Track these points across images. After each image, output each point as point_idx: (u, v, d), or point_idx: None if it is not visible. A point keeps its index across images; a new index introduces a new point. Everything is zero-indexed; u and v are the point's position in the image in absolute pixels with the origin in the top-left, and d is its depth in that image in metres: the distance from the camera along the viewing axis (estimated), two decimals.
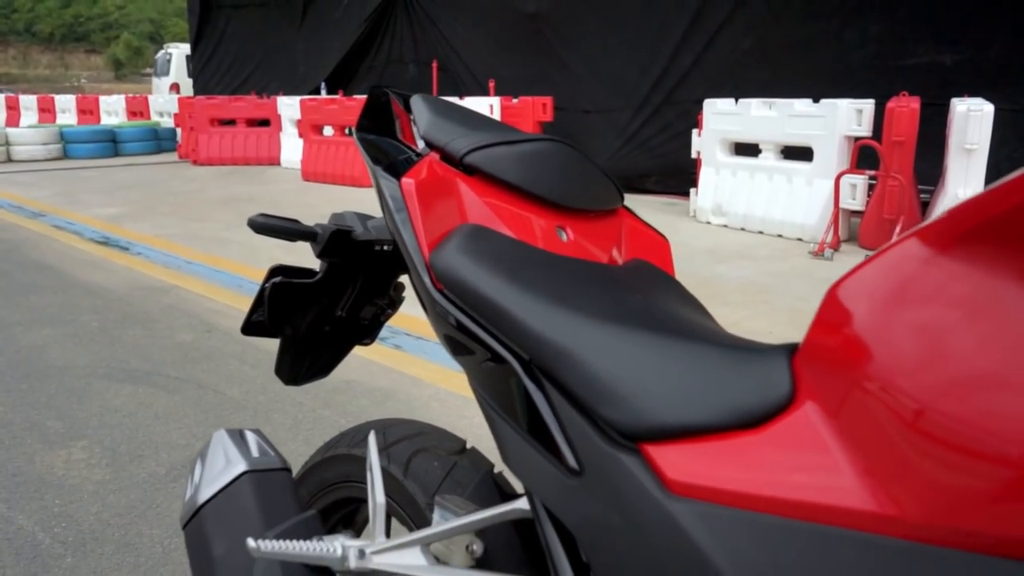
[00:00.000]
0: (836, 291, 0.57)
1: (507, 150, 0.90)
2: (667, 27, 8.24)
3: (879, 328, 0.52)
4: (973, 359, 0.46)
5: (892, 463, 0.49)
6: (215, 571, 0.94)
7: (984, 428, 0.43)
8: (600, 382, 0.66)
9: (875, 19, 7.29)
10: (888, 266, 0.54)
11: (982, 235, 0.47)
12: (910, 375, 0.48)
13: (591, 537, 0.66)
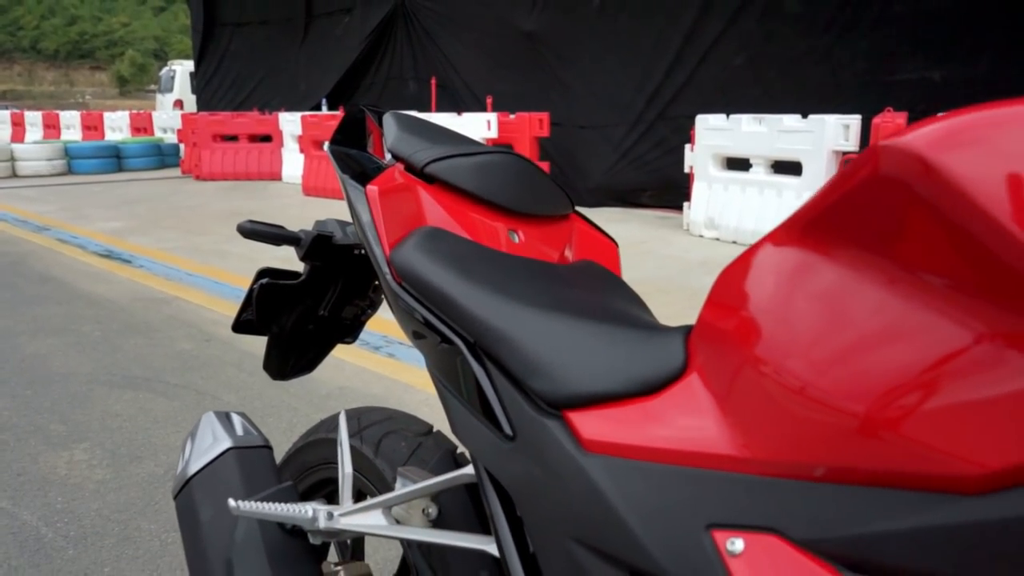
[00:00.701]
0: (720, 280, 0.68)
1: (464, 161, 1.01)
2: (661, 45, 8.39)
3: (746, 308, 0.63)
4: (815, 330, 0.56)
5: (753, 416, 0.59)
6: (202, 534, 1.04)
7: (820, 386, 0.54)
8: (531, 360, 0.77)
9: (865, 36, 7.43)
10: (757, 256, 0.65)
11: (819, 226, 0.58)
12: (768, 345, 0.59)
13: (522, 493, 0.77)
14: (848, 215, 0.54)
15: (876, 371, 0.50)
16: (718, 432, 0.62)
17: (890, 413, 0.48)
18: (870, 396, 0.50)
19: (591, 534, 0.68)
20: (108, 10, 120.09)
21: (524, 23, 9.54)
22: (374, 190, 0.93)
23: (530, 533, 0.76)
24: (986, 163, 0.45)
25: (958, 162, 0.46)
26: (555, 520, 0.72)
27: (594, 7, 8.87)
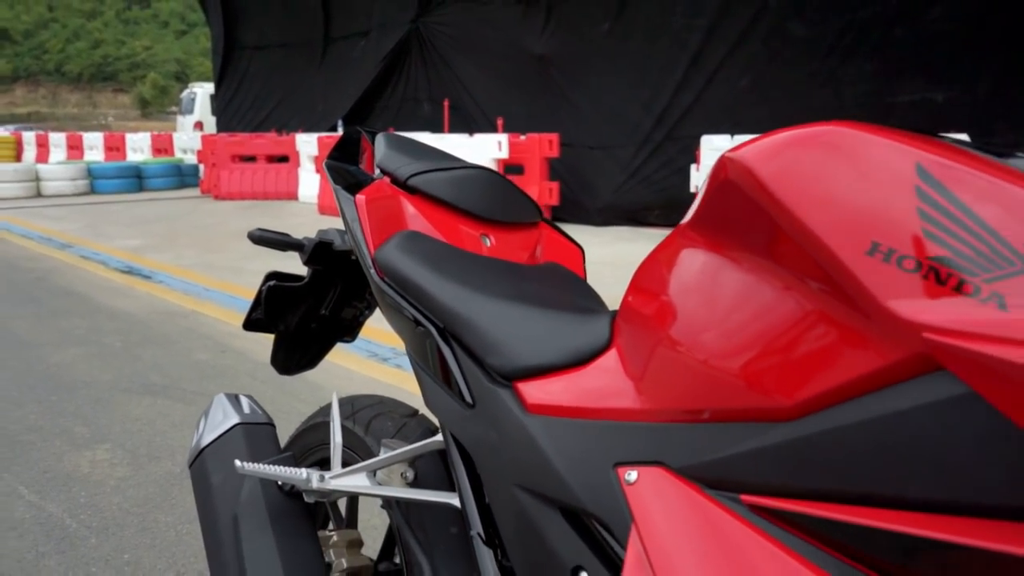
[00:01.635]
0: (636, 272, 0.83)
1: (442, 175, 1.16)
2: (668, 67, 8.57)
3: (652, 294, 0.78)
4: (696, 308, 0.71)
5: (651, 377, 0.74)
6: (213, 496, 1.19)
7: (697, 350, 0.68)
8: (489, 341, 0.92)
9: (868, 58, 7.58)
10: (660, 251, 0.80)
11: (696, 224, 0.72)
12: (664, 321, 0.74)
13: (479, 451, 0.91)
14: (712, 214, 0.69)
15: (733, 336, 0.65)
16: (626, 391, 0.76)
17: (738, 366, 0.63)
18: (728, 356, 0.64)
19: (531, 480, 0.82)
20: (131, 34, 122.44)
21: (535, 46, 9.76)
22: (362, 199, 1.09)
23: (485, 485, 0.91)
24: (792, 171, 0.59)
25: (772, 170, 0.60)
26: (504, 471, 0.86)
27: (603, 31, 9.08)
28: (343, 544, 1.22)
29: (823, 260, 0.56)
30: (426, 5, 11.54)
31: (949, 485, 0.49)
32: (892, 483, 0.52)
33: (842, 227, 0.55)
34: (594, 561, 0.74)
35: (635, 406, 0.75)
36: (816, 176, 0.58)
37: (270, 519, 1.13)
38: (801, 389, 0.57)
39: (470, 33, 10.80)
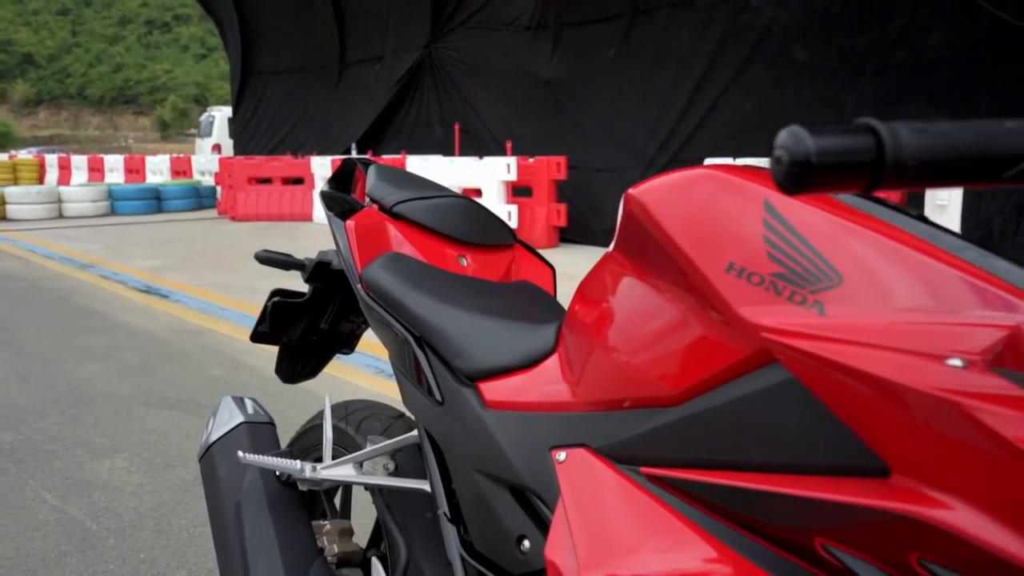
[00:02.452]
0: (577, 289, 0.98)
1: (424, 203, 1.32)
2: (673, 92, 8.74)
3: (587, 307, 0.92)
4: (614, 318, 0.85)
5: (582, 375, 0.88)
6: (219, 486, 1.34)
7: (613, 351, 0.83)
8: (456, 347, 1.06)
9: (869, 83, 7.71)
10: (593, 271, 0.94)
11: (617, 247, 0.87)
12: (593, 329, 0.88)
13: (447, 441, 1.06)
14: (623, 240, 0.83)
15: (636, 340, 0.79)
16: (563, 387, 0.91)
17: (639, 364, 0.77)
18: (632, 356, 0.79)
19: (487, 464, 0.97)
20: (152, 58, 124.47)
21: (543, 71, 9.98)
22: (351, 224, 1.25)
23: (451, 471, 1.05)
24: (673, 206, 0.74)
25: (658, 205, 0.75)
26: (466, 458, 1.01)
27: (609, 56, 9.28)
28: (335, 533, 1.36)
29: (695, 277, 0.70)
30: (438, 31, 11.81)
31: (782, 451, 0.63)
32: (744, 452, 0.66)
33: (707, 250, 0.70)
34: (533, 529, 0.88)
35: (568, 399, 0.89)
36: (690, 210, 0.73)
37: (269, 506, 1.28)
38: (682, 380, 0.72)
39: (480, 58, 11.04)
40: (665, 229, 0.73)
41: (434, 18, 11.77)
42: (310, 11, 14.28)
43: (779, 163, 0.45)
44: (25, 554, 2.32)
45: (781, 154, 0.45)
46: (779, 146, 0.45)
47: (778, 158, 0.45)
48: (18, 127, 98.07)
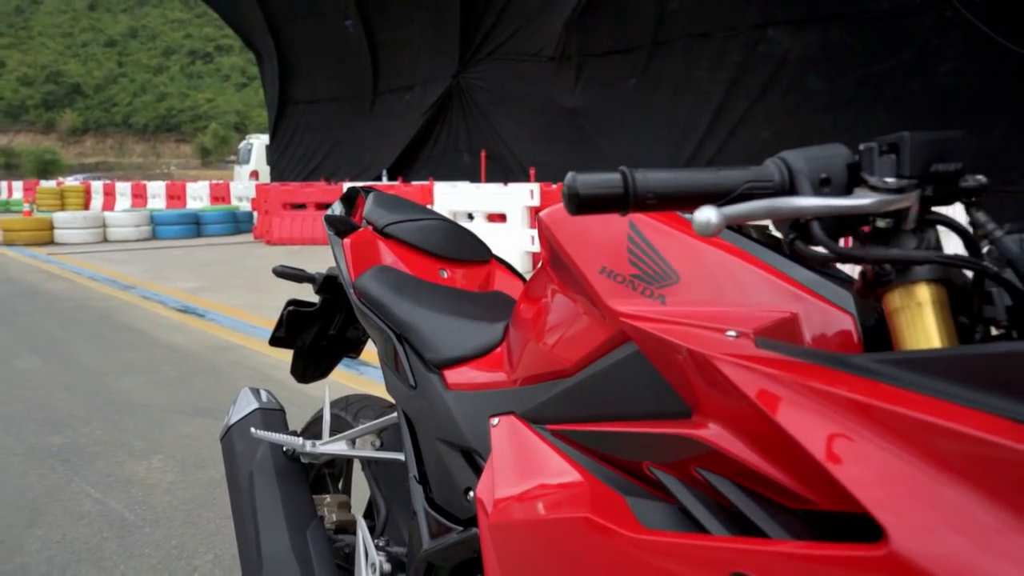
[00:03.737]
0: (520, 294, 1.21)
1: (411, 224, 1.57)
2: (693, 120, 8.98)
3: (523, 306, 1.16)
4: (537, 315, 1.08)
5: (517, 358, 1.11)
6: (236, 460, 1.59)
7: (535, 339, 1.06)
8: (427, 342, 1.30)
9: (884, 110, 7.88)
10: (529, 281, 1.18)
11: (544, 259, 1.10)
12: (527, 324, 1.11)
13: (417, 418, 1.29)
14: (544, 252, 1.07)
15: (547, 329, 1.02)
16: (504, 370, 1.14)
17: (549, 347, 1.00)
18: (545, 341, 1.02)
19: (445, 434, 1.20)
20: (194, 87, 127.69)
21: (567, 100, 10.29)
22: (347, 242, 1.50)
23: (420, 442, 1.29)
24: (564, 225, 0.97)
25: (555, 225, 0.98)
26: (431, 430, 1.24)
27: (630, 85, 9.56)
28: (335, 505, 1.60)
29: (579, 277, 0.94)
30: (466, 61, 12.22)
31: (630, 404, 0.86)
32: (608, 406, 0.89)
33: (588, 257, 0.93)
34: (475, 480, 1.11)
35: (505, 379, 1.12)
36: (577, 229, 0.96)
37: (276, 476, 1.52)
38: (574, 357, 0.95)
39: (506, 87, 11.40)
40: (560, 242, 0.97)
41: (462, 49, 12.18)
42: (345, 43, 14.82)
43: (564, 194, 0.69)
44: (71, 539, 2.59)
45: (564, 189, 0.69)
46: (564, 183, 0.69)
47: (563, 191, 0.69)
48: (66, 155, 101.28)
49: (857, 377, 0.61)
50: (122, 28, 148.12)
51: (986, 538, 0.48)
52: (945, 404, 0.53)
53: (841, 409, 0.59)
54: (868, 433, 0.56)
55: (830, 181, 0.69)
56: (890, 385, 0.58)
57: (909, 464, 0.53)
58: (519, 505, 0.91)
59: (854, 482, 0.55)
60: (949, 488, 0.51)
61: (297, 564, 1.42)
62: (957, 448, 0.51)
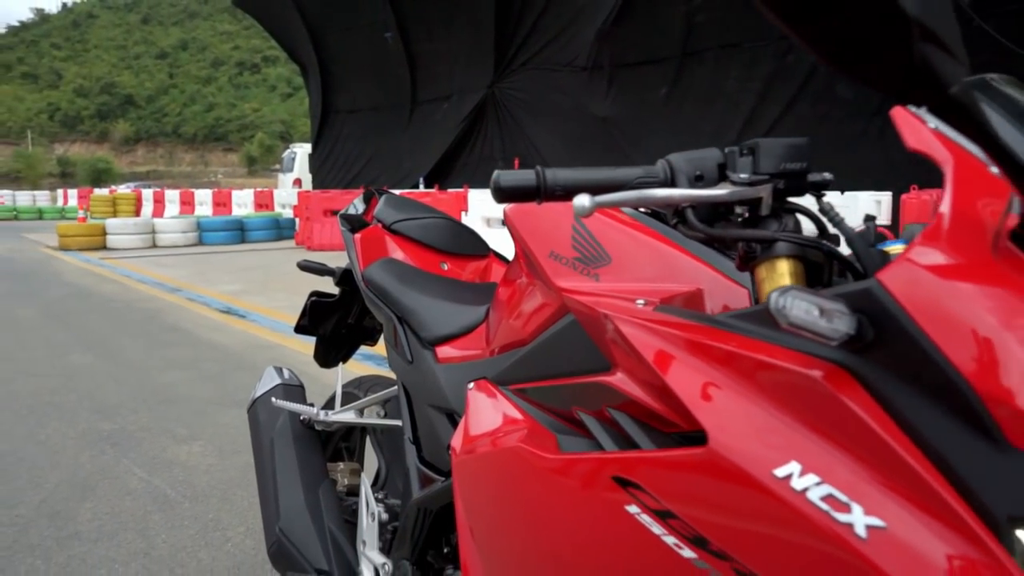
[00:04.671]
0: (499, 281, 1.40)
1: (415, 222, 1.77)
2: (723, 129, 9.07)
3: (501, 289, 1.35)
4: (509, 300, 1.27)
5: (494, 333, 1.31)
6: (260, 428, 1.81)
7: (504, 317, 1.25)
8: (423, 323, 1.50)
9: None
10: (506, 269, 1.37)
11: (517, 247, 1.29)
12: (502, 305, 1.30)
13: (413, 389, 1.49)
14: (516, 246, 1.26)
15: (511, 306, 1.21)
16: (482, 345, 1.34)
17: (512, 320, 1.19)
18: (511, 317, 1.21)
19: (434, 400, 1.39)
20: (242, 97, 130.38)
21: (599, 109, 10.46)
22: (358, 237, 1.71)
23: (414, 408, 1.48)
24: (523, 219, 1.16)
25: (515, 219, 1.17)
26: (423, 397, 1.44)
27: (661, 95, 9.70)
28: (347, 471, 1.81)
29: (534, 262, 1.13)
30: (501, 72, 12.46)
31: (568, 364, 1.04)
32: (551, 367, 1.07)
33: (540, 244, 1.12)
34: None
35: (482, 351, 1.32)
36: (532, 220, 1.15)
37: (293, 441, 1.74)
38: (530, 327, 1.14)
39: (540, 97, 11.62)
40: (519, 232, 1.16)
41: (497, 60, 12.44)
42: (384, 55, 15.19)
43: (491, 187, 0.88)
44: (119, 511, 2.84)
45: (491, 183, 0.88)
46: (492, 178, 0.88)
47: (491, 185, 0.88)
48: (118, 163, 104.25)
49: (716, 329, 0.79)
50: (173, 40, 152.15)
51: (773, 434, 0.66)
52: (755, 341, 0.72)
53: (697, 352, 0.78)
54: (708, 367, 0.75)
55: (703, 177, 0.87)
56: (734, 333, 0.76)
57: (729, 385, 0.71)
58: (476, 445, 1.10)
59: (693, 403, 0.73)
60: (753, 400, 0.69)
61: (309, 514, 1.63)
62: (758, 371, 0.70)
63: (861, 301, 0.63)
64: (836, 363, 0.65)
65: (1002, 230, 0.64)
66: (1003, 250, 0.64)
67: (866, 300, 0.63)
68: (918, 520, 0.57)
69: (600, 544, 0.81)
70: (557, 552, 0.89)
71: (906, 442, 0.60)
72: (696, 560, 0.69)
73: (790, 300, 0.62)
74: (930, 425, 0.59)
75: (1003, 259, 0.63)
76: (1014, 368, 0.56)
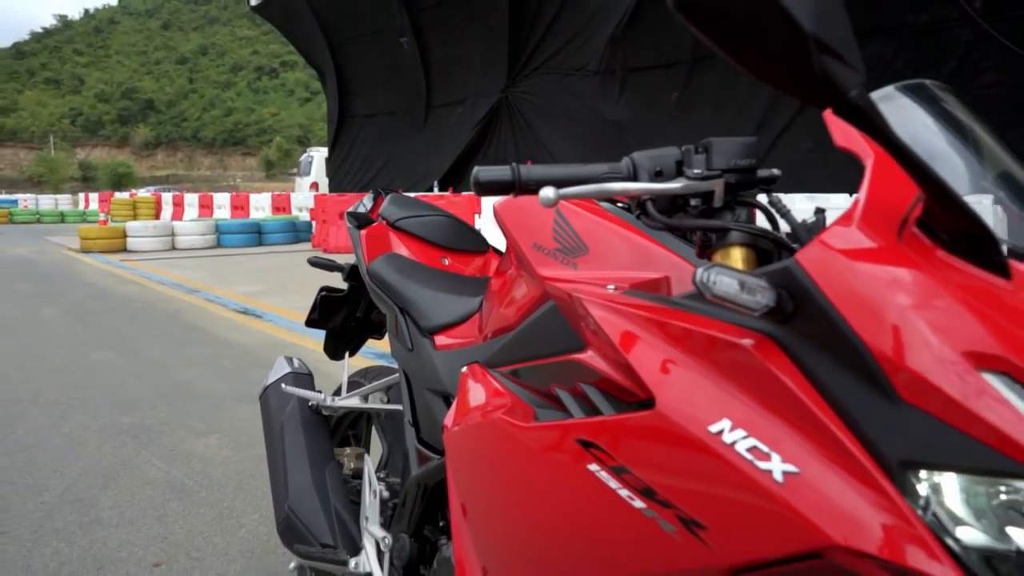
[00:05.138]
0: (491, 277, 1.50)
1: (418, 219, 1.87)
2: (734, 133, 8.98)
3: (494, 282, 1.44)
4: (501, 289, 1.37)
5: (487, 321, 1.40)
6: (271, 414, 1.91)
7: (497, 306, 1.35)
8: (423, 313, 1.60)
9: None
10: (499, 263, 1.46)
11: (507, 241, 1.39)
12: (493, 295, 1.40)
13: (413, 375, 1.59)
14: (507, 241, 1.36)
15: (501, 296, 1.31)
16: (475, 333, 1.43)
17: (502, 308, 1.29)
18: (500, 306, 1.30)
19: (432, 384, 1.49)
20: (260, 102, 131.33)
21: (611, 113, 10.54)
22: (363, 233, 1.81)
23: (414, 393, 1.58)
24: (509, 212, 1.26)
25: (503, 212, 1.27)
26: (422, 382, 1.54)
27: (673, 100, 9.77)
28: (353, 456, 1.91)
29: (519, 253, 1.22)
30: (514, 76, 12.58)
31: (548, 345, 1.14)
32: (534, 348, 1.17)
33: (524, 236, 1.21)
34: None
35: (474, 338, 1.42)
36: (517, 213, 1.25)
37: (302, 425, 1.84)
38: (517, 313, 1.23)
39: (552, 101, 11.72)
40: (506, 225, 1.26)
41: (511, 64, 12.56)
42: (400, 60, 15.36)
43: (471, 181, 0.98)
44: (138, 499, 2.96)
45: (471, 177, 0.98)
46: (472, 174, 0.98)
47: (471, 180, 0.98)
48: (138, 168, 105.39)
49: (671, 309, 0.88)
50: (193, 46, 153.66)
51: (710, 397, 0.76)
52: (700, 317, 0.81)
53: (653, 329, 0.87)
54: (661, 342, 0.84)
55: (662, 172, 0.96)
56: (685, 311, 0.85)
57: (677, 357, 0.81)
58: (464, 421, 1.20)
59: (646, 373, 0.83)
60: (695, 369, 0.78)
61: (316, 493, 1.74)
62: (701, 343, 0.79)
63: (782, 278, 0.72)
64: (763, 333, 0.74)
65: (909, 218, 0.73)
66: (908, 235, 0.73)
67: (786, 277, 0.72)
68: (826, 466, 0.67)
69: (567, 500, 0.90)
70: (531, 511, 0.98)
71: (818, 400, 0.69)
72: (645, 509, 0.78)
73: (713, 275, 0.71)
74: (838, 385, 0.68)
75: (907, 243, 0.72)
76: (904, 334, 0.65)
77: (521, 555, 1.03)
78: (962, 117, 0.92)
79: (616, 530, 0.82)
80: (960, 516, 0.62)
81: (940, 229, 0.72)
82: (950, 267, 0.70)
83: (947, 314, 0.65)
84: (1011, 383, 0.62)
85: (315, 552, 1.67)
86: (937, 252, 0.72)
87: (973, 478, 0.62)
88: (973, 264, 0.70)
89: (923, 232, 0.74)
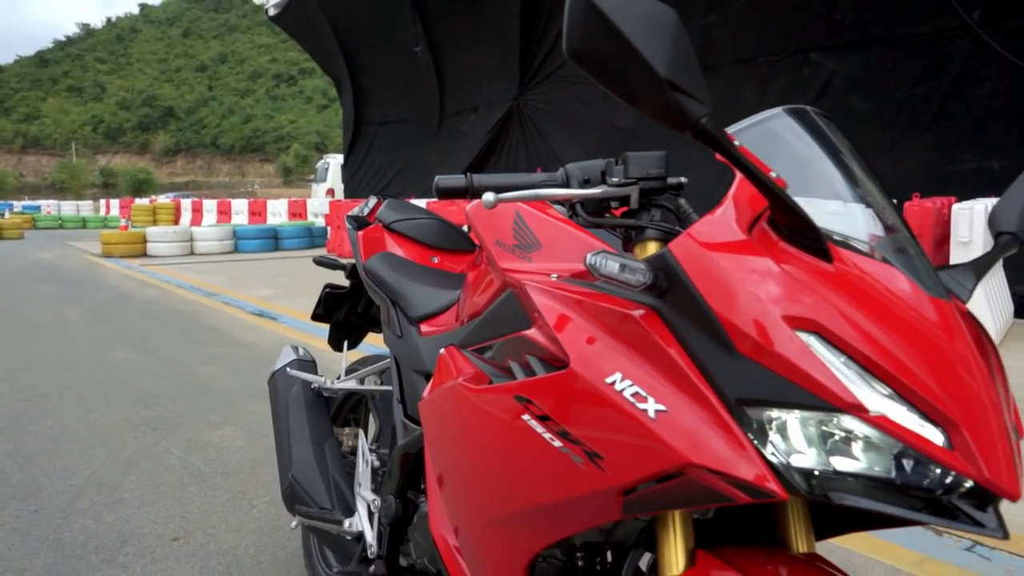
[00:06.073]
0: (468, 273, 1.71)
1: (410, 222, 2.08)
2: None
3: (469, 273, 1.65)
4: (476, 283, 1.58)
5: (464, 307, 1.61)
6: (277, 396, 2.13)
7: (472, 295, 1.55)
8: (410, 303, 1.81)
9: (927, 130, 8.06)
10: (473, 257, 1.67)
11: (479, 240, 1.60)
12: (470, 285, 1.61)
13: (401, 359, 1.80)
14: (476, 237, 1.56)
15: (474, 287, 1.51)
16: (453, 320, 1.64)
17: (474, 298, 1.49)
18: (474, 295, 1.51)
19: (416, 365, 1.70)
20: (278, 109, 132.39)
21: (619, 120, 10.74)
22: (361, 234, 2.03)
23: (402, 375, 1.79)
24: (478, 213, 1.46)
25: (473, 214, 1.47)
26: (409, 364, 1.75)
27: None
28: (351, 435, 2.13)
29: (485, 248, 1.43)
30: (525, 84, 12.81)
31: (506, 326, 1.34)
32: (495, 329, 1.37)
33: (489, 234, 1.42)
34: None
35: (451, 324, 1.62)
36: (484, 216, 1.45)
37: (305, 406, 2.06)
38: (483, 301, 1.44)
39: (563, 109, 11.94)
40: (475, 224, 1.47)
41: (522, 72, 12.79)
42: (414, 68, 15.65)
43: (433, 188, 1.18)
44: (158, 483, 3.19)
45: (433, 185, 1.18)
46: (434, 180, 1.19)
47: (433, 186, 1.18)
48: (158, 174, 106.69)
49: (590, 291, 1.08)
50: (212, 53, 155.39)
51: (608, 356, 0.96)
52: (608, 296, 1.01)
53: (575, 307, 1.07)
54: (578, 316, 1.04)
55: (590, 180, 1.17)
56: (599, 292, 1.06)
57: (589, 327, 1.01)
58: (436, 393, 1.41)
59: (565, 341, 1.03)
60: (599, 335, 0.99)
61: (316, 464, 1.95)
62: (605, 315, 0.99)
63: (659, 262, 0.92)
64: (648, 306, 0.94)
65: (761, 217, 0.94)
66: (759, 231, 0.93)
67: (662, 262, 0.92)
68: (686, 405, 0.87)
69: (507, 447, 1.11)
70: (482, 459, 1.19)
71: (684, 355, 0.89)
72: (562, 448, 0.99)
73: (600, 259, 0.91)
74: (696, 343, 0.88)
75: (756, 237, 0.92)
76: (742, 304, 0.85)
77: (480, 509, 1.23)
78: (832, 137, 1.11)
79: (540, 466, 1.03)
80: (790, 441, 0.82)
81: (783, 226, 0.92)
82: (787, 254, 0.90)
83: (776, 289, 0.86)
84: (820, 340, 0.82)
85: (315, 513, 1.89)
86: (780, 244, 0.92)
87: (798, 413, 0.82)
88: (805, 252, 0.90)
89: (771, 228, 0.94)
